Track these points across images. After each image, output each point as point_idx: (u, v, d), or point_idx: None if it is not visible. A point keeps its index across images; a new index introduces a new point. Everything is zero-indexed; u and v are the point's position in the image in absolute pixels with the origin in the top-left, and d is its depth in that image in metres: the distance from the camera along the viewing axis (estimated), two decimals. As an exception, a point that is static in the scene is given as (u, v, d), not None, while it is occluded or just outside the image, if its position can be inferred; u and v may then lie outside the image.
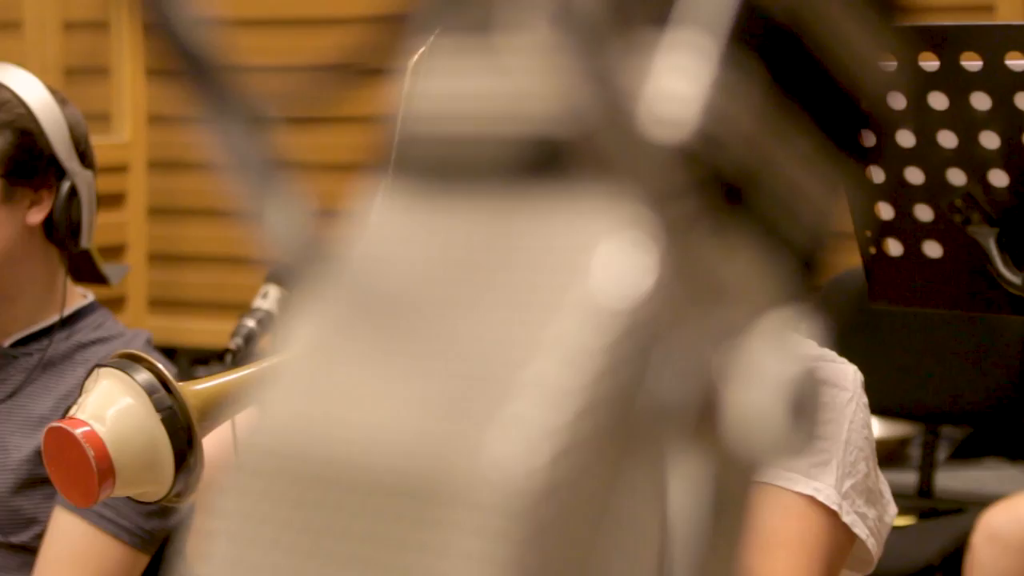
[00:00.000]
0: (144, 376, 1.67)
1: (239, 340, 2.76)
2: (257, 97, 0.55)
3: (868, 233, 2.11)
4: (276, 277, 2.82)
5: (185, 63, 0.55)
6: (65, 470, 1.68)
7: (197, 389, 1.68)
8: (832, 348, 1.68)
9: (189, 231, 4.30)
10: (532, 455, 0.48)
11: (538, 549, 0.48)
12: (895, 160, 2.09)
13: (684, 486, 0.50)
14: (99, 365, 1.72)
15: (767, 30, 0.53)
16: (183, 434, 1.65)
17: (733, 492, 0.50)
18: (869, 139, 0.55)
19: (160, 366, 1.68)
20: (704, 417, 0.50)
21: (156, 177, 4.31)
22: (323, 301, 0.55)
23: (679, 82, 0.52)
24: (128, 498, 2.52)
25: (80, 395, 1.72)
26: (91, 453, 1.65)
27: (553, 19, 0.51)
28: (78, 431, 1.65)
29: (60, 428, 1.66)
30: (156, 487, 1.69)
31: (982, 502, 3.21)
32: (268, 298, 2.81)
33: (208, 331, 3.91)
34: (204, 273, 4.29)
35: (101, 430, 1.66)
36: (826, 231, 0.54)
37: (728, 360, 0.50)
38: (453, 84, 0.55)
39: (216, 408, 1.69)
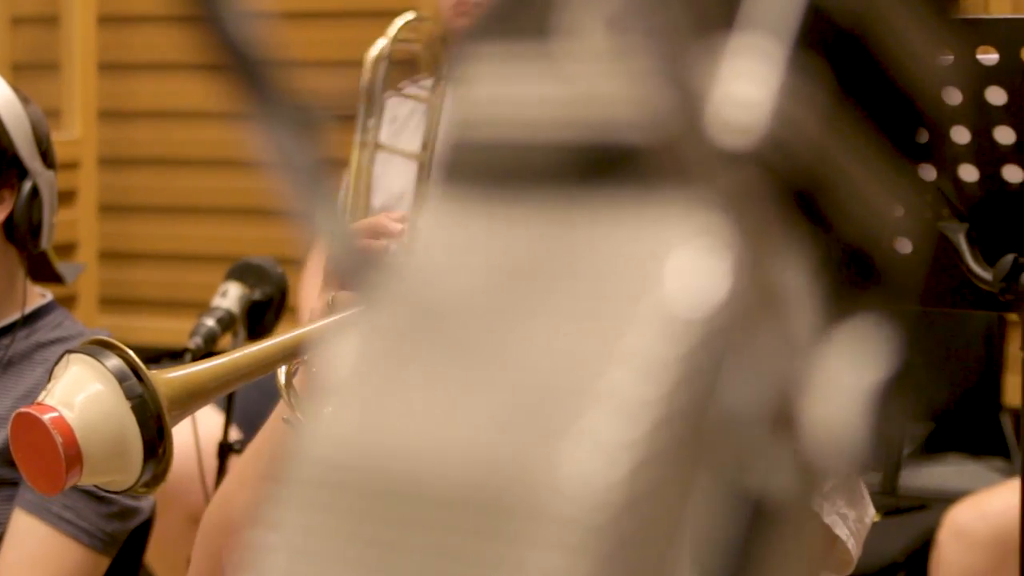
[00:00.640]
0: (115, 363, 1.62)
1: (198, 339, 2.73)
2: (305, 95, 0.54)
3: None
4: (236, 275, 2.79)
5: (232, 58, 0.54)
6: (32, 456, 1.63)
7: (168, 378, 1.64)
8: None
9: (141, 228, 4.27)
10: (611, 467, 0.47)
11: (619, 564, 0.47)
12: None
13: (751, 498, 0.49)
14: (69, 351, 1.67)
15: (831, 33, 0.52)
16: (153, 423, 1.60)
17: (802, 504, 0.50)
18: (924, 138, 0.54)
19: (131, 353, 1.64)
20: (777, 428, 0.49)
21: (107, 174, 4.27)
22: (380, 310, 0.54)
23: (747, 87, 0.51)
24: (89, 500, 2.51)
25: (49, 382, 1.68)
26: (59, 439, 1.60)
27: (624, 23, 0.50)
28: (46, 416, 1.61)
29: (28, 414, 1.62)
30: (124, 476, 1.64)
31: (946, 499, 3.22)
32: (228, 296, 2.77)
33: (160, 330, 3.87)
34: (156, 271, 4.25)
35: (70, 416, 1.61)
36: (888, 237, 0.54)
37: (803, 371, 0.50)
38: (510, 90, 0.54)
39: (187, 398, 1.65)
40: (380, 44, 3.22)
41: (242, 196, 4.14)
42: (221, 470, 2.84)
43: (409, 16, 3.27)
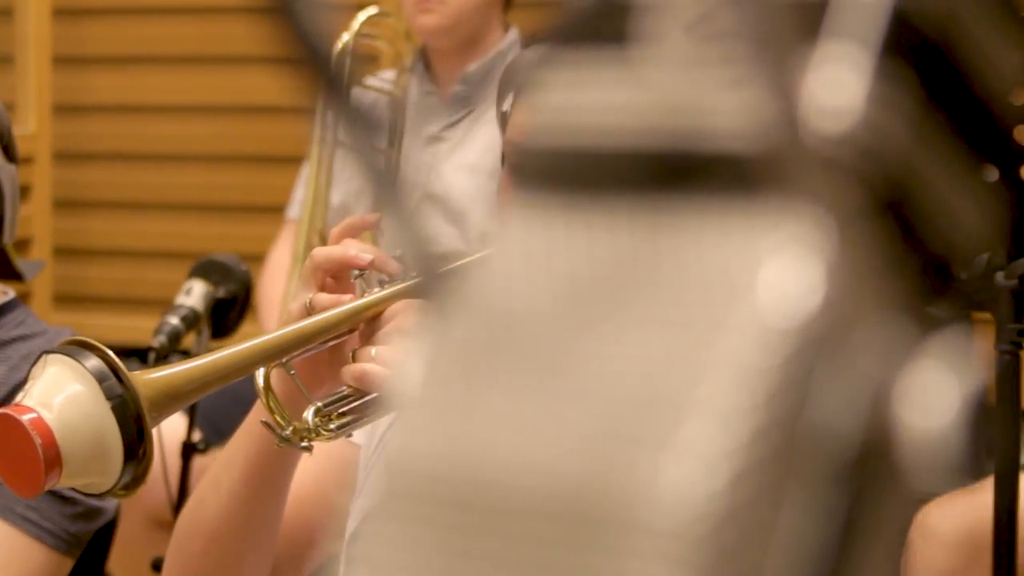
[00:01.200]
0: (94, 363, 1.59)
1: (162, 338, 2.71)
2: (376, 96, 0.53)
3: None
4: (200, 272, 2.77)
5: (305, 53, 0.53)
6: (9, 458, 1.59)
7: (148, 379, 1.61)
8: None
9: (96, 225, 4.23)
10: (711, 478, 0.46)
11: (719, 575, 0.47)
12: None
13: (844, 511, 0.48)
14: (47, 352, 1.64)
15: (917, 41, 0.52)
16: (133, 424, 1.57)
17: (898, 516, 0.49)
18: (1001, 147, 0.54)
19: (111, 353, 1.61)
20: (870, 441, 0.49)
21: (61, 169, 4.23)
22: (458, 319, 0.53)
23: (836, 95, 0.51)
24: (53, 501, 2.48)
25: (26, 383, 1.64)
26: (38, 441, 1.57)
27: (704, 29, 0.49)
28: (24, 417, 1.57)
29: (5, 415, 1.58)
30: (102, 478, 1.60)
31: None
32: (192, 294, 2.75)
33: (116, 327, 3.84)
34: (112, 268, 4.21)
35: (49, 417, 1.58)
36: (972, 244, 0.53)
37: (898, 381, 0.49)
38: (589, 96, 0.54)
39: (166, 399, 1.63)
40: (343, 38, 3.20)
41: (200, 192, 4.10)
42: (185, 471, 2.81)
43: (372, 11, 3.26)
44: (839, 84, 0.51)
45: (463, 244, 3.22)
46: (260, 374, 1.72)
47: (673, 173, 0.52)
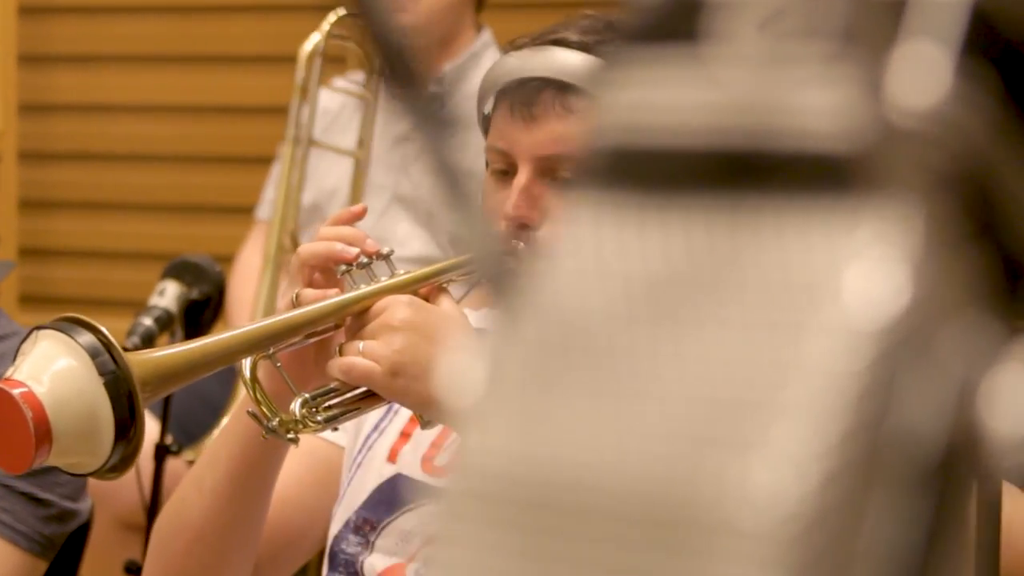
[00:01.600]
0: (87, 338, 1.55)
1: (136, 339, 2.69)
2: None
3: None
4: (173, 273, 2.75)
5: (386, 53, 0.52)
6: None
7: (141, 359, 1.58)
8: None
9: (63, 225, 4.19)
10: (801, 480, 0.46)
11: (812, 578, 0.46)
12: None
13: (929, 513, 0.48)
14: (38, 327, 1.60)
15: (997, 42, 0.51)
16: (125, 401, 1.54)
17: (984, 519, 0.49)
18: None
19: (104, 330, 1.57)
20: (955, 444, 0.48)
21: (27, 169, 4.19)
22: (529, 318, 0.52)
23: (918, 94, 0.50)
24: (26, 503, 2.45)
25: (16, 359, 1.60)
26: (29, 414, 1.52)
27: (778, 27, 0.49)
28: (16, 391, 1.52)
29: None
30: (91, 458, 1.56)
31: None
32: (165, 295, 2.73)
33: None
34: (79, 269, 4.18)
35: (40, 391, 1.53)
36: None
37: (982, 384, 0.49)
38: (663, 95, 0.53)
39: (157, 380, 1.60)
40: (314, 39, 3.19)
41: (168, 192, 4.07)
42: (158, 473, 2.79)
43: (342, 11, 3.24)
44: (921, 83, 0.51)
45: (433, 246, 3.21)
46: (246, 365, 1.70)
47: (748, 172, 0.51)
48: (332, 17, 3.21)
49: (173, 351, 1.65)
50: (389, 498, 1.86)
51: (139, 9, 4.12)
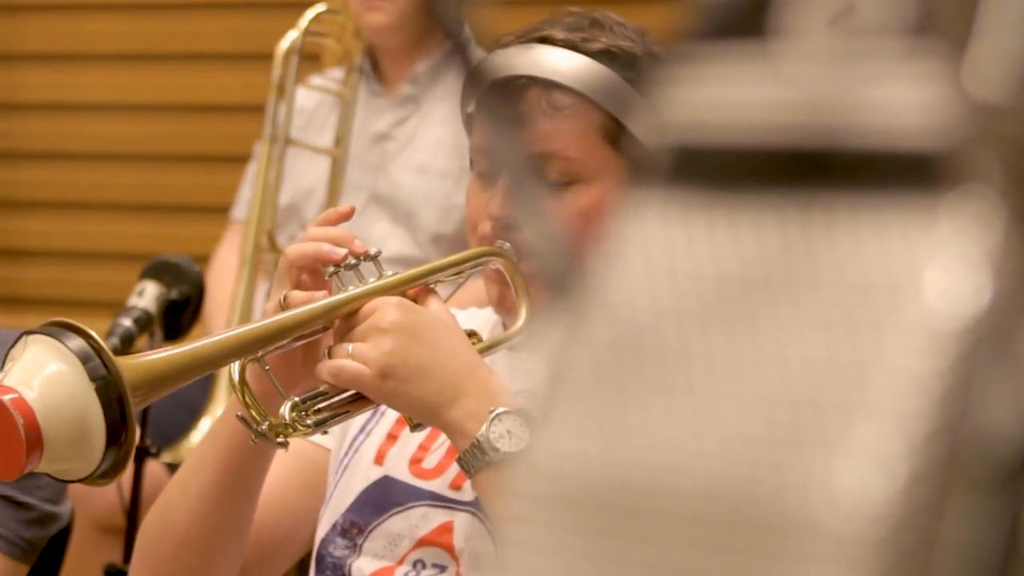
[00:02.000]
0: (77, 343, 1.52)
1: (115, 340, 2.66)
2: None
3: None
4: (152, 273, 2.72)
5: (455, 53, 0.51)
6: None
7: (131, 363, 1.56)
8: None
9: (34, 225, 4.16)
10: (888, 480, 0.45)
11: (898, 580, 0.45)
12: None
13: (1009, 517, 0.47)
14: (27, 332, 1.57)
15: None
16: (116, 406, 1.51)
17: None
18: None
19: (94, 334, 1.54)
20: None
21: (0, 168, 4.17)
22: (596, 320, 0.51)
23: (996, 89, 0.49)
24: (7, 506, 2.42)
25: (5, 364, 1.56)
26: (20, 421, 1.49)
27: (848, 23, 0.47)
28: (6, 397, 1.49)
29: None
30: (82, 464, 1.53)
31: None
32: (144, 296, 2.70)
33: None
34: (50, 269, 4.15)
35: (31, 397, 1.50)
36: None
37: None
38: (731, 93, 0.52)
39: (148, 385, 1.58)
40: (291, 36, 3.17)
41: (140, 192, 4.04)
42: (138, 476, 2.77)
43: (319, 8, 3.22)
44: (999, 77, 0.49)
45: (412, 246, 3.19)
46: (235, 369, 1.68)
47: (820, 170, 0.50)
48: (310, 14, 3.19)
49: (163, 355, 1.62)
50: (376, 500, 1.84)
51: (113, 7, 4.09)
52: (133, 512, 2.69)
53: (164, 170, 4.05)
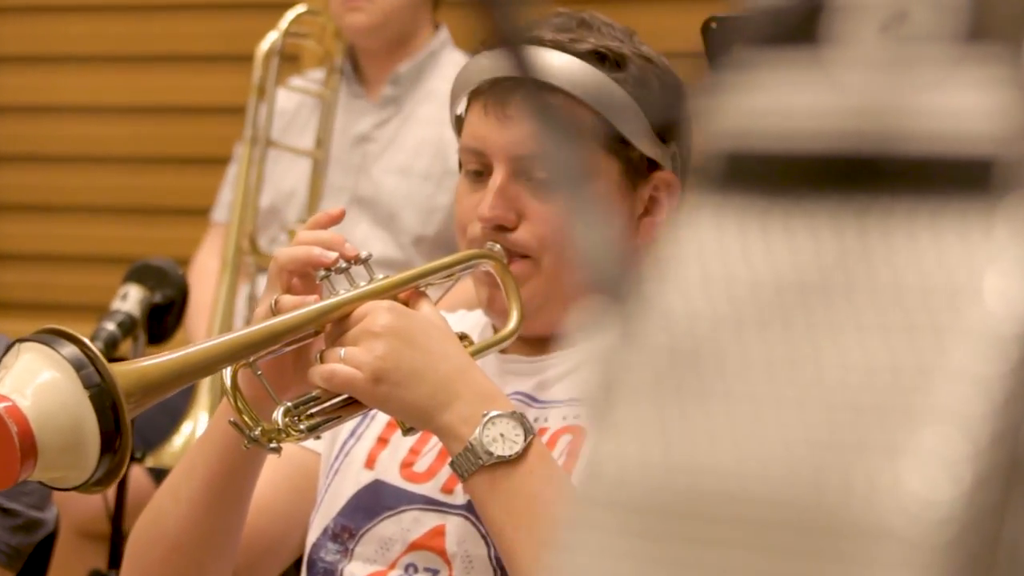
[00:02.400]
0: (71, 350, 1.51)
1: (99, 344, 2.64)
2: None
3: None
4: (135, 276, 2.70)
5: (511, 58, 0.50)
6: None
7: (124, 370, 1.54)
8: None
9: (7, 228, 4.13)
10: (954, 483, 0.45)
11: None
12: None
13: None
14: (20, 340, 1.56)
15: None
16: (111, 414, 1.50)
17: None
18: None
19: (87, 341, 1.52)
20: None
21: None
22: (653, 325, 0.50)
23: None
24: (-8, 512, 2.41)
25: None
26: (14, 429, 1.48)
27: (900, 30, 0.47)
28: (0, 405, 1.48)
29: None
30: (76, 472, 1.52)
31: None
32: (128, 299, 2.68)
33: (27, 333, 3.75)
34: (23, 272, 4.12)
35: (25, 405, 1.49)
36: None
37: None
38: (786, 99, 0.52)
39: (141, 392, 1.57)
40: (271, 37, 3.15)
41: (118, 195, 4.02)
42: (122, 480, 2.75)
43: (300, 9, 3.21)
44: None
45: (393, 248, 3.18)
46: (227, 374, 1.67)
47: (874, 175, 0.50)
48: (290, 15, 3.18)
49: (156, 361, 1.61)
50: (367, 505, 1.83)
51: (89, 8, 4.07)
52: (117, 517, 2.67)
53: (143, 172, 4.03)
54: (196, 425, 3.08)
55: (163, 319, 2.69)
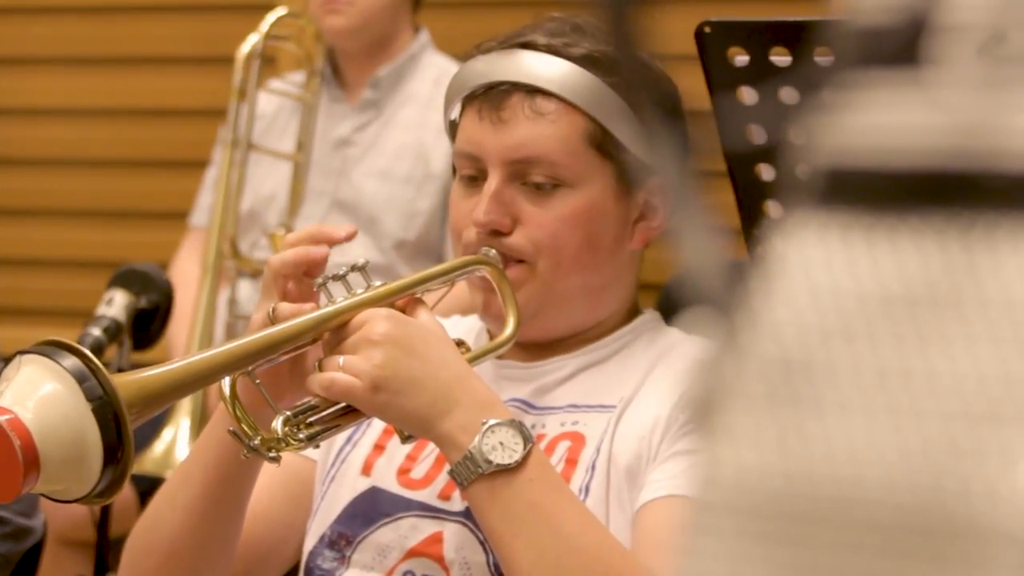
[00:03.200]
0: (72, 362, 1.50)
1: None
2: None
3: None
4: (120, 282, 2.68)
5: (627, 67, 0.50)
6: None
7: (125, 381, 1.54)
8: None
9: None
10: None
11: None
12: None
13: None
14: (21, 352, 1.54)
15: None
16: (113, 425, 1.49)
17: None
18: None
19: (88, 353, 1.51)
20: None
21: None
22: (762, 337, 0.51)
23: None
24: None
25: None
26: (16, 442, 1.47)
27: (997, 50, 0.48)
28: (2, 418, 1.47)
29: None
30: (79, 485, 1.51)
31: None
32: (113, 305, 2.66)
33: (4, 339, 3.73)
34: (5, 277, 4.09)
35: (27, 418, 1.48)
36: None
37: None
38: (888, 118, 0.52)
39: (142, 403, 1.56)
40: (252, 40, 3.14)
41: (94, 198, 3.99)
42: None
43: (280, 12, 3.20)
44: None
45: (375, 252, 3.17)
46: (226, 383, 1.67)
47: (975, 192, 0.51)
48: (271, 18, 3.16)
49: (157, 372, 1.60)
50: (364, 512, 1.83)
51: (65, 10, 4.04)
52: (103, 525, 2.65)
53: (121, 176, 4.00)
54: (177, 431, 3.07)
55: (149, 324, 2.67)
